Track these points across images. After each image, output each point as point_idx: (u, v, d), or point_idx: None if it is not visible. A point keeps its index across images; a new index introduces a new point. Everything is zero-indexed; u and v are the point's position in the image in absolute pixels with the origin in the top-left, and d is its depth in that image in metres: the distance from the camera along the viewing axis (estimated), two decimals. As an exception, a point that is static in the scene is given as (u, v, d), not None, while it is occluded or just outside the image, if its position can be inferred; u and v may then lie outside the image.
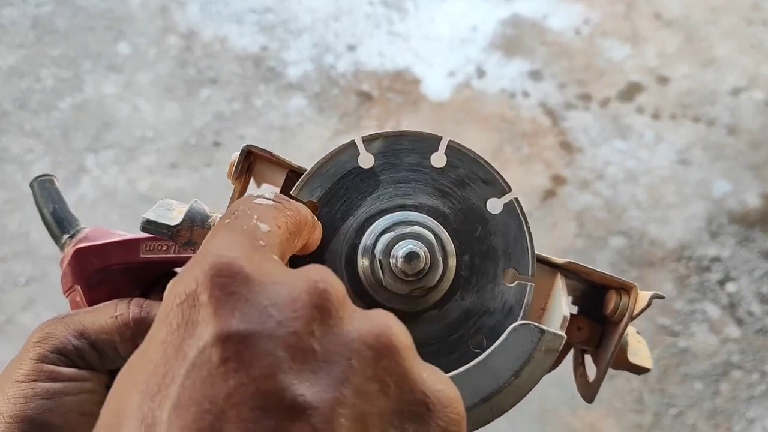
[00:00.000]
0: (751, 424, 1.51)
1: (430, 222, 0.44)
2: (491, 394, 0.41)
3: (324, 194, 0.44)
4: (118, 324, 0.45)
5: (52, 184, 0.56)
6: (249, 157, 0.47)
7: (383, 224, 0.44)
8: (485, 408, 0.41)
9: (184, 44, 2.15)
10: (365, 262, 0.43)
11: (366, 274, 0.43)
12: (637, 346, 0.50)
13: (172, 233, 0.44)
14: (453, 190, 0.45)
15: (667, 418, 1.52)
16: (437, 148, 0.45)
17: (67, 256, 0.52)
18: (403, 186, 0.45)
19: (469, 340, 0.44)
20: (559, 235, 1.80)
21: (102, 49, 2.13)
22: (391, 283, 0.42)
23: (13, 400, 0.41)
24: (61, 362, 0.43)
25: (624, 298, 0.46)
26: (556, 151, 1.96)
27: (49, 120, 1.97)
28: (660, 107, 2.07)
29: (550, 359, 0.41)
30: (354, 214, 0.44)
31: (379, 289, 0.43)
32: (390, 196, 0.45)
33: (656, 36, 2.24)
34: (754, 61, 2.17)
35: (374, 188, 0.45)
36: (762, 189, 1.90)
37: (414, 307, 0.44)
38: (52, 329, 0.45)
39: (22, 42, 2.13)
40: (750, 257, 1.77)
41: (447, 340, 0.44)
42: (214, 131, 1.96)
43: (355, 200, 0.44)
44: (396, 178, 0.45)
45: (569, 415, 1.52)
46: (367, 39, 2.19)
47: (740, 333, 1.65)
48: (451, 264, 0.43)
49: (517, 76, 2.11)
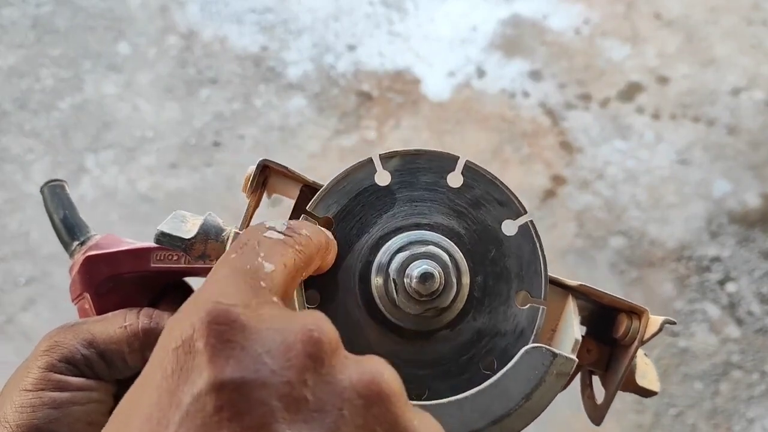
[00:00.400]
0: (751, 424, 1.52)
1: (445, 242, 0.44)
2: (501, 417, 0.40)
3: (339, 211, 0.44)
4: (127, 334, 0.45)
5: (62, 190, 0.56)
6: (264, 171, 0.47)
7: (398, 243, 0.44)
8: (495, 430, 0.41)
9: (184, 44, 2.15)
10: (379, 280, 0.43)
11: (380, 292, 0.43)
12: (644, 368, 0.49)
13: (186, 246, 0.44)
14: (468, 211, 0.45)
15: (667, 418, 1.52)
16: (454, 167, 0.45)
17: (76, 263, 0.52)
18: (418, 205, 0.45)
19: (480, 361, 0.44)
20: (559, 235, 1.80)
21: (102, 49, 2.13)
22: (405, 303, 0.42)
23: (20, 408, 0.41)
24: (69, 371, 0.43)
25: (635, 321, 0.46)
26: (556, 151, 1.96)
27: (49, 120, 1.97)
28: (660, 107, 2.07)
29: (561, 383, 0.41)
30: (369, 232, 0.44)
31: (391, 308, 0.43)
32: (406, 215, 0.45)
33: (656, 36, 2.24)
34: (754, 61, 2.17)
35: (390, 206, 0.45)
36: (762, 189, 1.90)
37: (426, 327, 0.43)
38: (61, 338, 0.44)
39: (22, 42, 2.13)
40: (750, 257, 1.77)
41: (458, 361, 0.44)
42: (214, 131, 1.96)
43: (371, 217, 0.44)
44: (412, 197, 0.45)
45: (569, 416, 1.52)
46: (367, 39, 2.19)
47: (740, 333, 1.65)
48: (464, 285, 0.43)
49: (517, 76, 2.11)
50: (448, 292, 0.42)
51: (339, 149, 1.91)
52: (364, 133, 1.96)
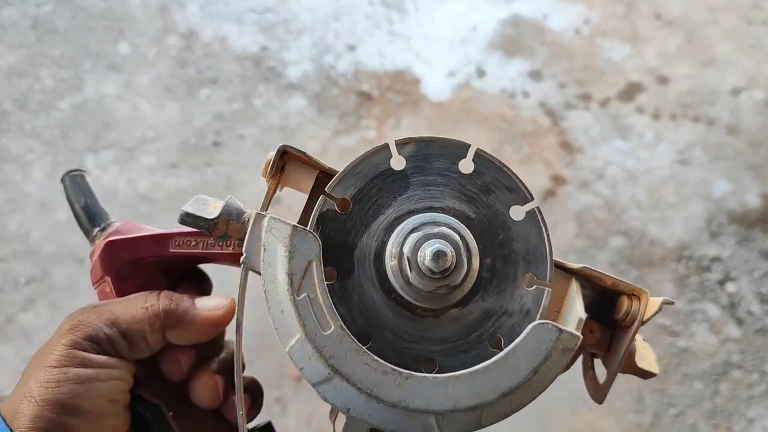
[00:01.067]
0: (750, 424, 1.52)
1: (457, 224, 0.46)
2: (511, 389, 0.43)
3: (356, 192, 0.46)
4: (148, 314, 0.47)
5: (83, 179, 0.58)
6: (284, 157, 0.50)
7: (412, 224, 0.46)
8: (505, 402, 0.43)
9: (184, 44, 2.15)
10: (393, 258, 0.45)
11: (393, 270, 0.45)
12: (643, 351, 0.51)
13: (209, 226, 0.46)
14: (478, 196, 0.47)
15: (667, 418, 1.52)
16: (465, 154, 0.47)
17: (98, 248, 0.54)
18: (431, 189, 0.47)
19: (488, 339, 0.46)
20: (559, 235, 1.80)
21: (102, 49, 2.13)
22: (418, 280, 0.44)
23: (45, 384, 0.43)
24: (92, 349, 0.45)
25: (635, 303, 0.48)
26: (556, 151, 1.96)
27: (49, 120, 1.97)
28: (660, 107, 2.07)
29: (567, 358, 0.44)
30: (384, 213, 0.46)
31: (405, 285, 0.45)
32: (419, 198, 0.47)
33: (656, 36, 2.24)
34: (754, 61, 2.17)
35: (404, 190, 0.47)
36: (762, 189, 1.90)
37: (437, 305, 0.46)
38: (85, 317, 0.47)
39: (22, 42, 2.13)
40: (750, 257, 1.77)
41: (467, 338, 0.46)
42: (214, 131, 1.96)
43: (386, 200, 0.47)
44: (425, 182, 0.47)
45: (569, 415, 1.52)
46: (367, 39, 2.19)
47: (740, 333, 1.65)
48: (474, 265, 0.45)
49: (517, 76, 2.11)
50: (459, 270, 0.44)
51: (339, 149, 1.91)
52: (364, 133, 1.96)
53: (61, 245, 1.71)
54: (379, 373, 0.42)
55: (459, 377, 0.43)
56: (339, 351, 0.42)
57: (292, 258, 0.44)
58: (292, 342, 0.43)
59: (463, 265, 0.44)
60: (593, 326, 0.50)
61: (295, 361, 0.43)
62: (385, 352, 0.45)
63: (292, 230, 0.45)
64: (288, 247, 0.44)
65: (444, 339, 0.46)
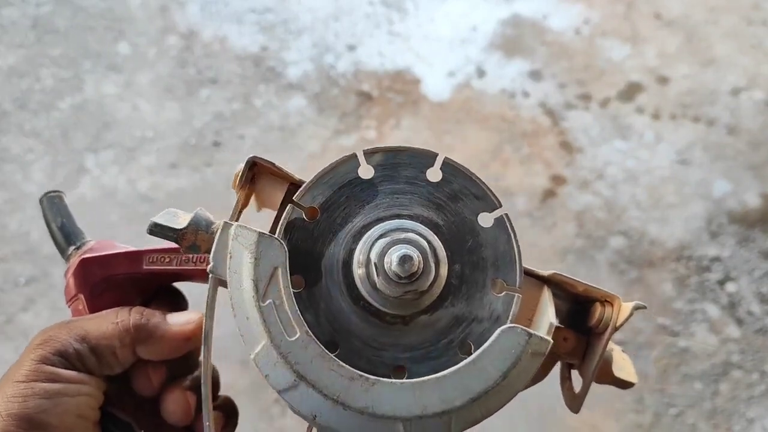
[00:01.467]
0: (750, 424, 1.52)
1: (424, 230, 0.46)
2: (480, 394, 0.43)
3: (325, 201, 0.47)
4: (119, 330, 0.47)
5: (60, 200, 0.59)
6: (253, 168, 0.50)
7: (379, 231, 0.46)
8: (474, 408, 0.43)
9: (184, 44, 2.15)
10: (361, 265, 0.45)
11: (361, 277, 0.45)
12: (622, 362, 0.52)
13: (177, 236, 0.46)
14: (447, 204, 0.47)
15: (667, 418, 1.53)
16: (433, 163, 0.47)
17: (72, 266, 0.54)
18: (399, 197, 0.47)
19: (458, 345, 0.46)
20: (559, 235, 1.80)
21: (102, 49, 2.13)
22: (385, 285, 0.44)
23: (12, 399, 0.43)
24: (61, 364, 0.45)
25: (608, 309, 0.48)
26: (556, 151, 1.96)
27: (49, 120, 1.97)
28: (660, 107, 2.07)
29: (537, 362, 0.44)
30: (352, 221, 0.47)
31: (372, 291, 0.45)
32: (387, 206, 0.47)
33: (656, 36, 2.24)
34: (754, 61, 2.18)
35: (372, 198, 0.47)
36: (762, 189, 1.90)
37: (406, 311, 0.45)
38: (55, 333, 0.46)
39: (22, 42, 2.14)
40: (750, 257, 1.77)
41: (437, 345, 0.46)
42: (214, 131, 1.96)
43: (354, 208, 0.47)
44: (393, 190, 0.47)
45: (569, 416, 1.52)
46: (367, 39, 2.19)
47: (740, 333, 1.65)
48: (442, 271, 0.45)
49: (517, 76, 2.11)
50: (426, 276, 0.44)
51: (339, 149, 1.91)
52: (364, 133, 1.96)
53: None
54: (346, 379, 0.42)
55: (426, 382, 0.42)
56: (304, 357, 0.42)
57: (258, 264, 0.44)
58: (258, 348, 0.42)
59: (431, 270, 0.45)
60: (567, 334, 0.50)
61: (260, 368, 0.42)
62: (353, 359, 0.45)
63: (258, 237, 0.45)
64: (254, 254, 0.44)
65: (413, 346, 0.46)
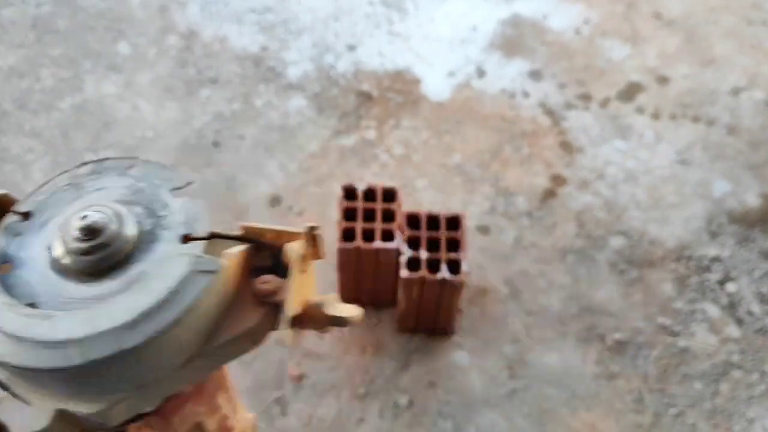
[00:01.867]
0: (751, 424, 1.52)
1: (114, 204, 0.56)
2: (150, 309, 0.49)
3: (38, 204, 0.60)
4: None
5: None
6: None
7: (76, 209, 0.56)
8: (148, 327, 0.49)
9: (184, 44, 2.15)
10: (58, 237, 0.55)
11: (58, 247, 0.54)
12: (336, 304, 0.59)
13: None
14: (139, 188, 0.59)
15: (667, 418, 1.52)
16: (133, 165, 0.62)
17: None
18: (102, 191, 0.59)
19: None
20: (559, 235, 1.80)
21: (102, 49, 2.13)
22: (74, 249, 0.53)
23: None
24: None
25: (294, 244, 0.55)
26: (556, 151, 1.96)
27: (49, 120, 1.97)
28: (660, 107, 2.07)
29: (206, 279, 0.51)
30: (60, 213, 0.58)
31: (67, 256, 0.53)
32: (88, 193, 0.59)
33: (656, 36, 2.24)
34: (754, 61, 2.18)
35: (79, 197, 0.59)
36: (762, 189, 1.90)
37: (96, 269, 0.53)
38: None
39: (22, 42, 2.14)
40: (750, 257, 1.77)
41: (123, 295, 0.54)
42: (214, 131, 1.96)
43: (61, 205, 0.59)
44: (96, 186, 0.60)
45: (569, 416, 1.52)
46: (367, 39, 2.19)
47: (740, 333, 1.65)
48: (127, 232, 0.54)
49: (517, 76, 2.11)
50: (113, 238, 0.53)
51: (339, 149, 1.91)
52: (364, 132, 1.96)
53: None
54: (24, 317, 0.49)
55: (96, 305, 0.50)
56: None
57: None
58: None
59: (117, 233, 0.53)
60: (266, 278, 0.56)
61: None
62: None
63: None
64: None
65: (99, 296, 0.52)
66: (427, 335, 1.61)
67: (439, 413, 1.51)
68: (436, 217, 1.47)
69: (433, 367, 1.57)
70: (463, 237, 1.44)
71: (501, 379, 1.56)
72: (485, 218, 1.78)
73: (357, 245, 1.43)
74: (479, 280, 1.70)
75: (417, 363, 1.58)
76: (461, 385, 1.55)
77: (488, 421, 1.51)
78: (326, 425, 1.50)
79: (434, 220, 1.47)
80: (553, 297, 1.69)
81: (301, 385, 1.54)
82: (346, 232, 1.45)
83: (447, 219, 1.47)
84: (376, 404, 1.52)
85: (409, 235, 1.45)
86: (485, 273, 1.72)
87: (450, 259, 1.42)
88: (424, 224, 1.46)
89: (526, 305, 1.68)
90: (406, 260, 1.41)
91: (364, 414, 1.51)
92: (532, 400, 1.54)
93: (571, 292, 1.70)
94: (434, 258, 1.42)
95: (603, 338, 1.63)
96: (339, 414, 1.51)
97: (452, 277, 1.40)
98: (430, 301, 1.48)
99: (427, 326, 1.59)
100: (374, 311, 1.64)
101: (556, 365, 1.58)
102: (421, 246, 1.43)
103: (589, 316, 1.66)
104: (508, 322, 1.65)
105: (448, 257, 1.42)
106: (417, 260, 1.42)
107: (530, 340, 1.62)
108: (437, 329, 1.60)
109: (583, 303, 1.68)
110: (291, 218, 1.77)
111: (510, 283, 1.71)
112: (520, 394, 1.54)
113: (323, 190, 1.83)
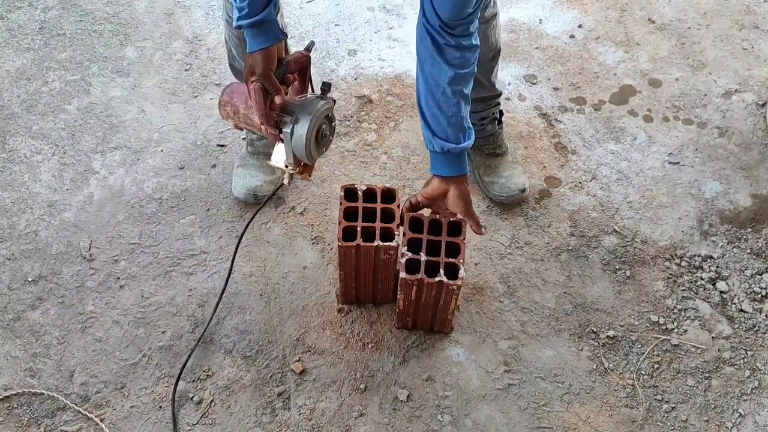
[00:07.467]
0: (742, 419, 1.52)
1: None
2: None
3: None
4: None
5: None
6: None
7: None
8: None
9: (189, 48, 2.17)
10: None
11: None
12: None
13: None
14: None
15: (660, 413, 1.52)
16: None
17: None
18: None
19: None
20: (553, 235, 1.82)
21: (108, 53, 2.15)
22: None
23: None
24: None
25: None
26: (550, 152, 1.98)
27: (57, 122, 1.98)
28: (652, 110, 2.08)
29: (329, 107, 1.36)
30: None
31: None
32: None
33: (649, 40, 2.25)
34: (745, 64, 2.19)
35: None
36: (752, 189, 1.91)
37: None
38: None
39: (30, 46, 2.15)
40: (741, 256, 1.77)
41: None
42: (218, 133, 1.98)
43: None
44: None
45: (563, 410, 1.53)
46: (368, 44, 2.21)
47: (731, 330, 1.65)
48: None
49: (513, 79, 2.13)
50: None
51: (340, 152, 1.93)
52: (364, 135, 1.97)
53: (68, 245, 1.73)
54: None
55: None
56: None
57: None
58: None
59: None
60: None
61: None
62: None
63: None
64: None
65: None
66: (425, 332, 1.63)
67: (437, 407, 1.52)
68: (438, 221, 1.48)
69: (431, 363, 1.58)
70: (463, 243, 1.45)
71: (497, 374, 1.57)
72: (482, 218, 1.79)
73: (357, 244, 1.44)
74: (476, 278, 1.72)
75: (415, 358, 1.59)
76: (458, 380, 1.56)
77: (485, 415, 1.52)
78: (327, 419, 1.50)
79: (436, 225, 1.48)
80: (548, 294, 1.70)
81: (303, 379, 1.54)
82: (346, 231, 1.47)
83: (449, 224, 1.47)
84: (375, 398, 1.53)
85: (411, 237, 1.45)
86: (482, 271, 1.73)
87: (448, 263, 1.42)
88: (426, 228, 1.47)
89: (521, 302, 1.69)
90: (405, 262, 1.42)
91: (365, 408, 1.52)
92: (528, 394, 1.54)
93: (565, 289, 1.71)
94: (433, 261, 1.43)
95: (596, 335, 1.63)
96: (340, 408, 1.52)
97: (449, 281, 1.40)
98: (428, 303, 1.49)
99: (425, 325, 1.60)
100: (374, 308, 1.66)
101: (550, 361, 1.59)
102: (421, 249, 1.44)
103: (583, 313, 1.67)
104: (504, 318, 1.66)
105: (447, 262, 1.42)
106: (416, 262, 1.43)
107: (525, 337, 1.63)
108: (434, 328, 1.61)
109: (577, 300, 1.69)
110: (292, 218, 1.79)
111: (506, 280, 1.72)
112: (516, 388, 1.55)
113: (325, 190, 1.84)
